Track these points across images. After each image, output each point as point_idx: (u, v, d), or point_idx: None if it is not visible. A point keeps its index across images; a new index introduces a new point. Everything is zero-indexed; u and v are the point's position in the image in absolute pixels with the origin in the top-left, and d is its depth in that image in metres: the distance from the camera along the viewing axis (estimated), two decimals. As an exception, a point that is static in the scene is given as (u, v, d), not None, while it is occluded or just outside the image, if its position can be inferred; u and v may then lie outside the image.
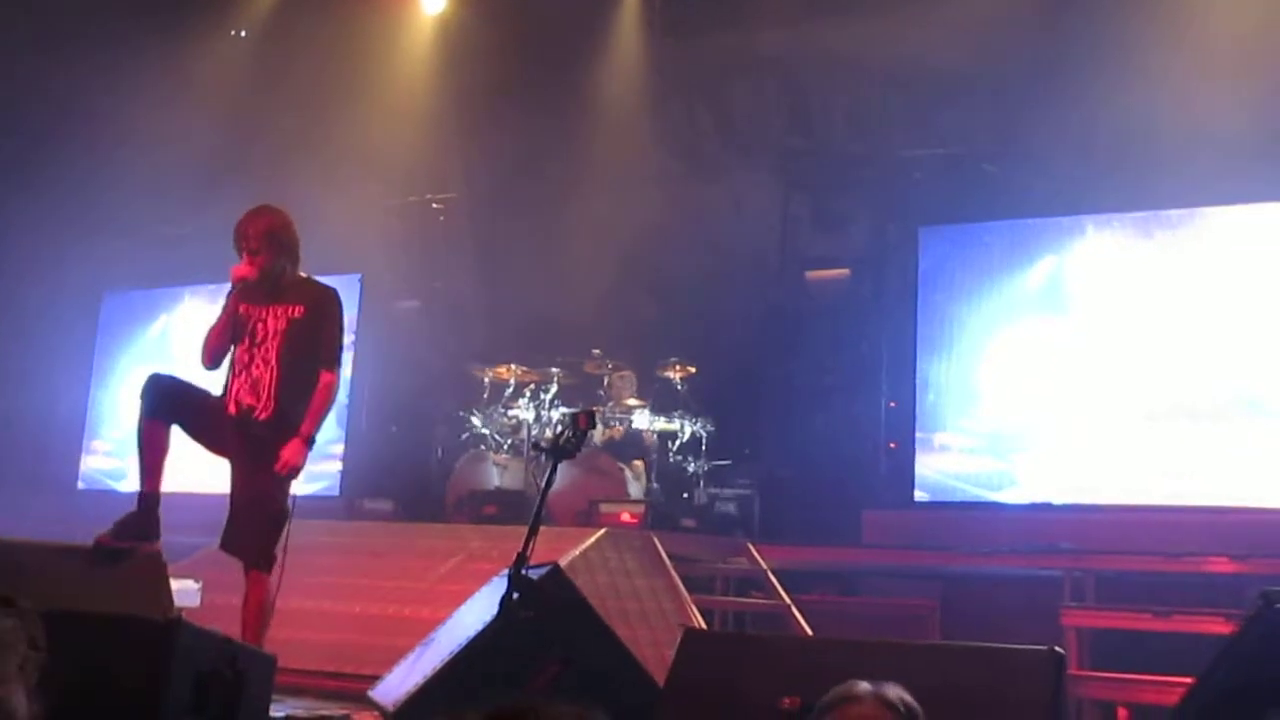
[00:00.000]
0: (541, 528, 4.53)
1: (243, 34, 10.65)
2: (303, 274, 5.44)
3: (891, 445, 9.16)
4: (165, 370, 5.34)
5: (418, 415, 10.18)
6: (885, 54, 8.93)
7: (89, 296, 11.25)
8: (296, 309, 5.34)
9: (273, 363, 5.30)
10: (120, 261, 10.57)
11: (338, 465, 10.47)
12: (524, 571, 4.28)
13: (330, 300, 5.40)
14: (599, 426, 8.64)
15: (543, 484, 4.55)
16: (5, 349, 10.33)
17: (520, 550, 4.28)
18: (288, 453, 5.18)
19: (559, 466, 4.64)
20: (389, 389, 10.38)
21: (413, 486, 9.76)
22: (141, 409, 5.27)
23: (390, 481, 9.87)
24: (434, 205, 9.99)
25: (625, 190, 9.80)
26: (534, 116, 10.03)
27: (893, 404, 9.24)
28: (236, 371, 5.38)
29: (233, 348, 5.42)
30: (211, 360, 5.41)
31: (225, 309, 5.39)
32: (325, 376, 5.31)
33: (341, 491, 10.22)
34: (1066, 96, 8.37)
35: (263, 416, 5.26)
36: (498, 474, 9.22)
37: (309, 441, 5.22)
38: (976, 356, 8.73)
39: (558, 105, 10.03)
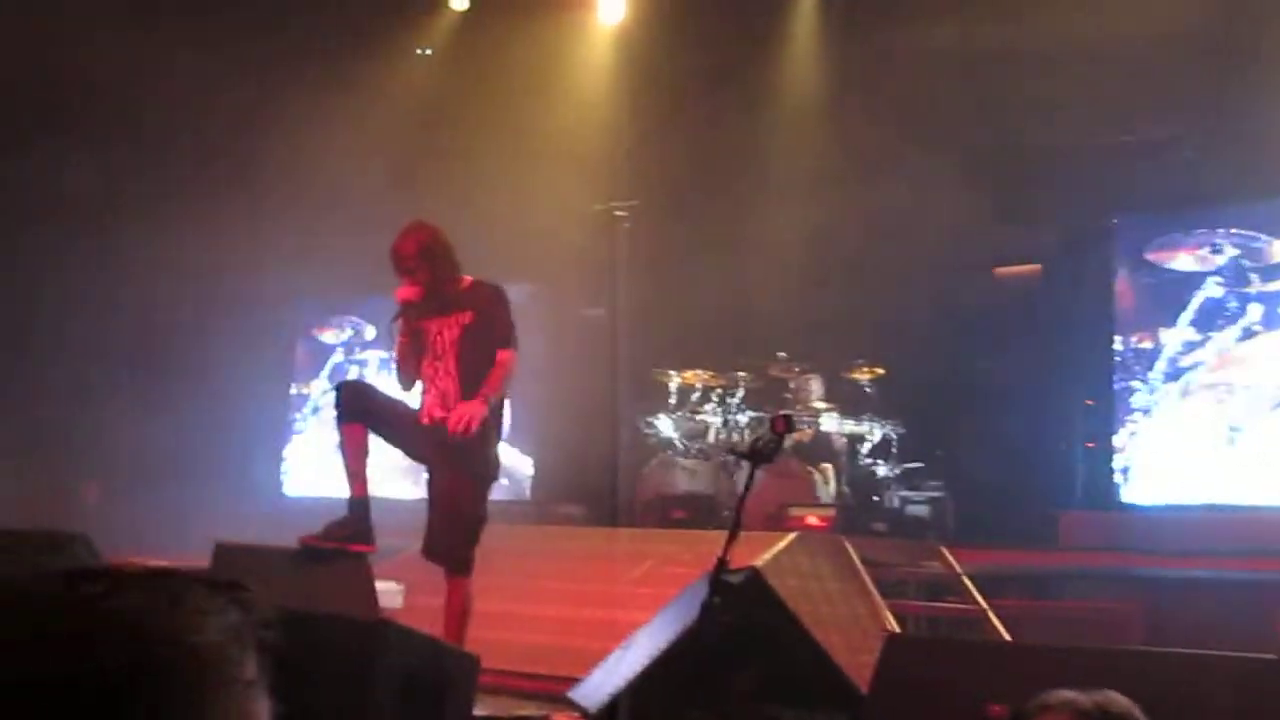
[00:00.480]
0: (735, 532, 4.58)
1: (427, 51, 10.87)
2: (466, 277, 5.47)
3: (1089, 444, 8.95)
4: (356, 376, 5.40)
5: (605, 421, 9.58)
6: (1071, 37, 8.70)
7: (285, 307, 11.63)
8: (466, 315, 5.38)
9: (453, 372, 5.34)
10: (314, 272, 10.85)
11: (529, 470, 10.64)
12: (724, 576, 4.29)
13: (496, 298, 5.43)
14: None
15: (741, 488, 4.62)
16: (206, 356, 10.62)
17: (720, 554, 4.30)
18: (463, 408, 5.15)
19: (753, 473, 4.64)
20: (577, 396, 10.28)
21: (601, 491, 9.63)
22: (337, 415, 5.40)
23: (580, 485, 9.92)
24: (617, 213, 9.50)
25: (806, 190, 9.70)
26: (713, 121, 9.97)
27: (1089, 402, 9.03)
28: (426, 387, 5.45)
29: (420, 361, 5.47)
30: (406, 381, 5.50)
31: (400, 331, 5.45)
32: (502, 354, 5.34)
33: (532, 496, 10.37)
34: (1273, 78, 8.07)
35: (451, 424, 5.24)
36: (686, 478, 9.21)
37: (485, 401, 5.19)
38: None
39: (736, 108, 9.94)
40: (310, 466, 11.46)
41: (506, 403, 5.63)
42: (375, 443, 5.42)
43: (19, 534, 5.73)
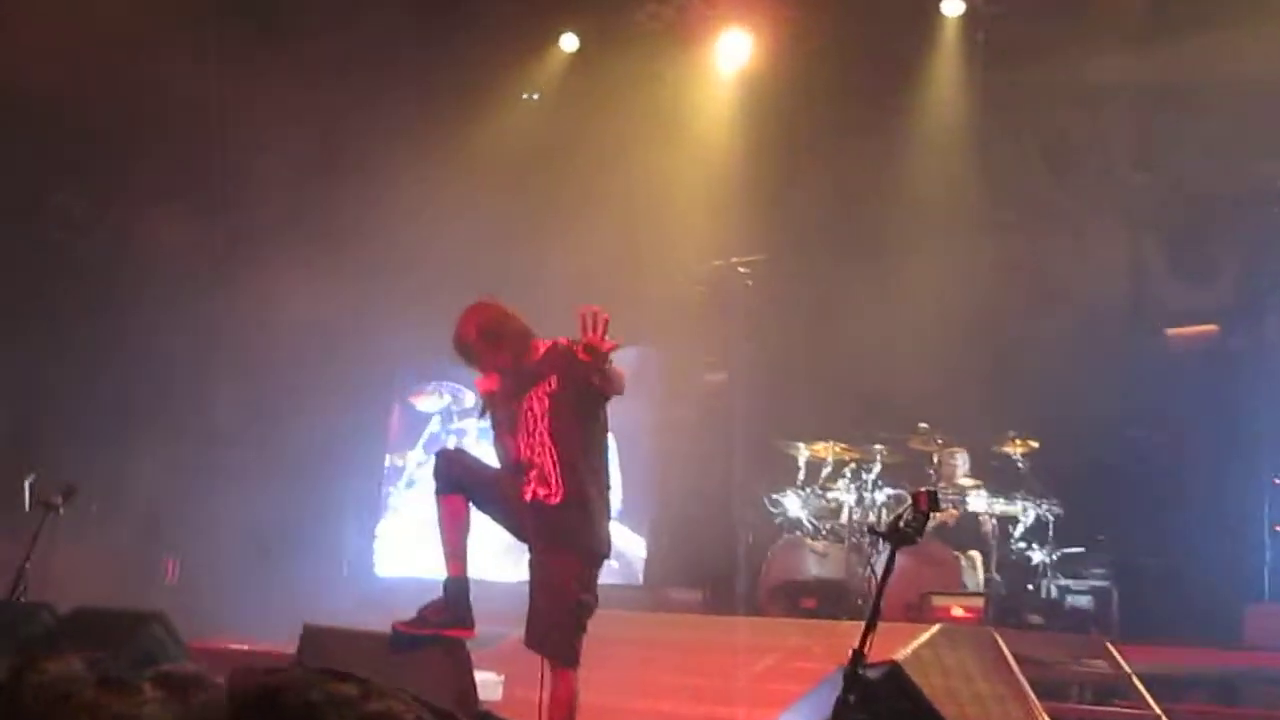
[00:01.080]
0: (868, 623, 4.53)
1: (535, 96, 11.02)
2: (539, 342, 5.47)
3: (1277, 528, 8.68)
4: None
5: (726, 497, 10.16)
6: (1245, 71, 8.59)
7: (381, 372, 11.70)
8: (550, 382, 5.38)
9: (549, 445, 5.34)
10: (411, 334, 10.80)
11: (641, 552, 10.57)
12: (860, 671, 4.27)
13: (571, 354, 5.35)
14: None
15: (878, 573, 4.73)
16: (299, 425, 10.77)
17: (855, 647, 4.27)
18: (589, 339, 4.98)
19: (893, 555, 4.58)
20: (695, 469, 10.43)
21: (721, 575, 9.73)
22: (436, 487, 5.41)
23: (697, 569, 9.90)
24: (740, 269, 9.96)
25: (951, 242, 9.70)
26: (846, 167, 9.99)
27: (1277, 480, 8.77)
28: (524, 464, 5.44)
29: (518, 443, 5.47)
30: (512, 465, 5.49)
31: (492, 420, 5.51)
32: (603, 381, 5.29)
33: (645, 580, 10.31)
34: None
35: (554, 501, 5.28)
36: (815, 562, 9.13)
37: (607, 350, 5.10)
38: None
39: (873, 152, 9.97)
40: (404, 544, 11.47)
41: (617, 476, 5.59)
42: (476, 519, 5.44)
43: (97, 612, 5.93)
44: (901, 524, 4.53)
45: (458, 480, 5.41)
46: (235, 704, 1.05)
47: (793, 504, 9.45)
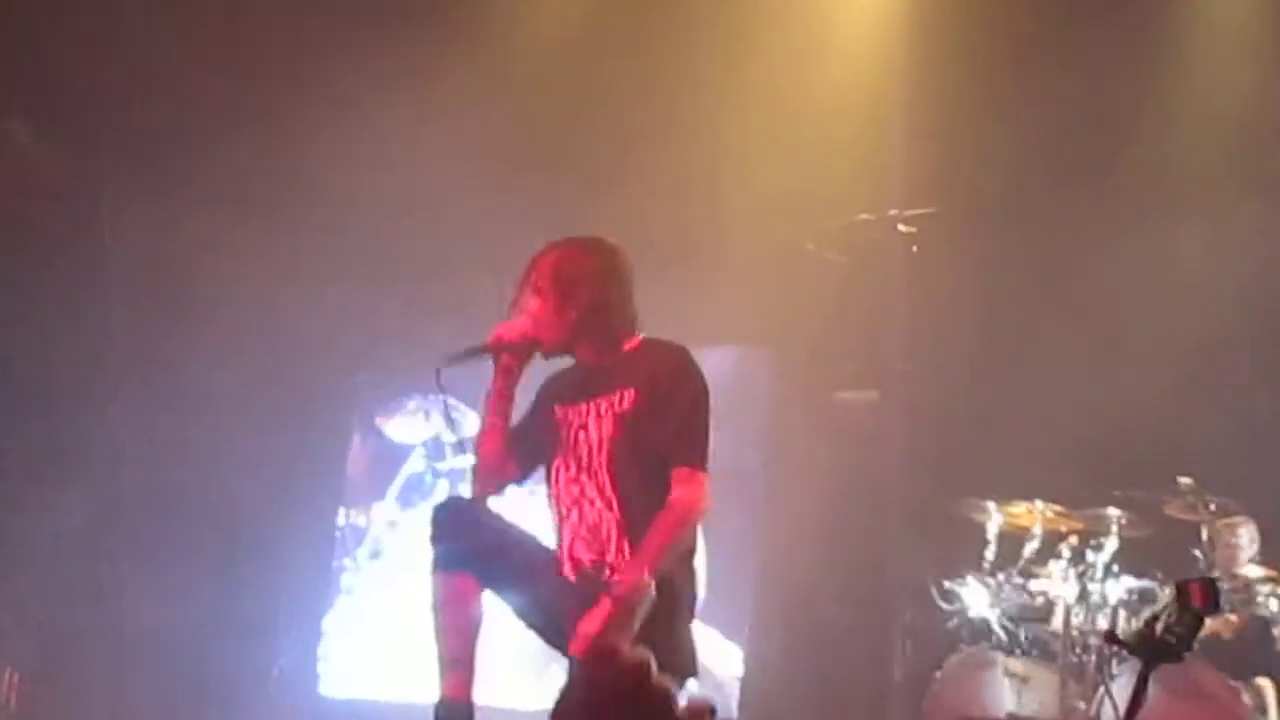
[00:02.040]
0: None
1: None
2: (635, 336, 5.66)
3: None
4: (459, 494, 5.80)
5: (872, 585, 10.22)
6: None
7: (336, 385, 11.91)
8: (625, 395, 5.48)
9: (609, 491, 5.45)
10: (384, 331, 11.10)
11: (737, 670, 10.31)
12: None
13: (675, 368, 5.52)
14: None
15: (1121, 710, 5.18)
16: (211, 465, 10.92)
17: None
18: (587, 622, 5.15)
19: (1145, 680, 4.54)
20: (824, 540, 10.33)
21: (862, 707, 9.70)
22: (435, 558, 5.47)
23: (823, 697, 9.73)
24: (901, 228, 9.80)
25: (1232, 202, 9.70)
26: (1068, 87, 9.97)
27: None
28: (563, 512, 5.55)
29: (550, 475, 5.60)
30: (486, 488, 5.66)
31: (489, 402, 5.63)
32: (683, 479, 5.37)
33: (742, 712, 10.10)
34: None
35: (606, 577, 5.35)
36: (1012, 691, 8.95)
37: (635, 594, 5.19)
38: None
39: (1109, 65, 9.90)
40: (365, 649, 11.32)
41: (702, 555, 5.57)
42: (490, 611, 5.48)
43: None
44: (1160, 629, 4.49)
45: (469, 549, 5.42)
46: None
47: (977, 598, 9.31)
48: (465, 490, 9.67)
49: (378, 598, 11.37)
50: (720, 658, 10.25)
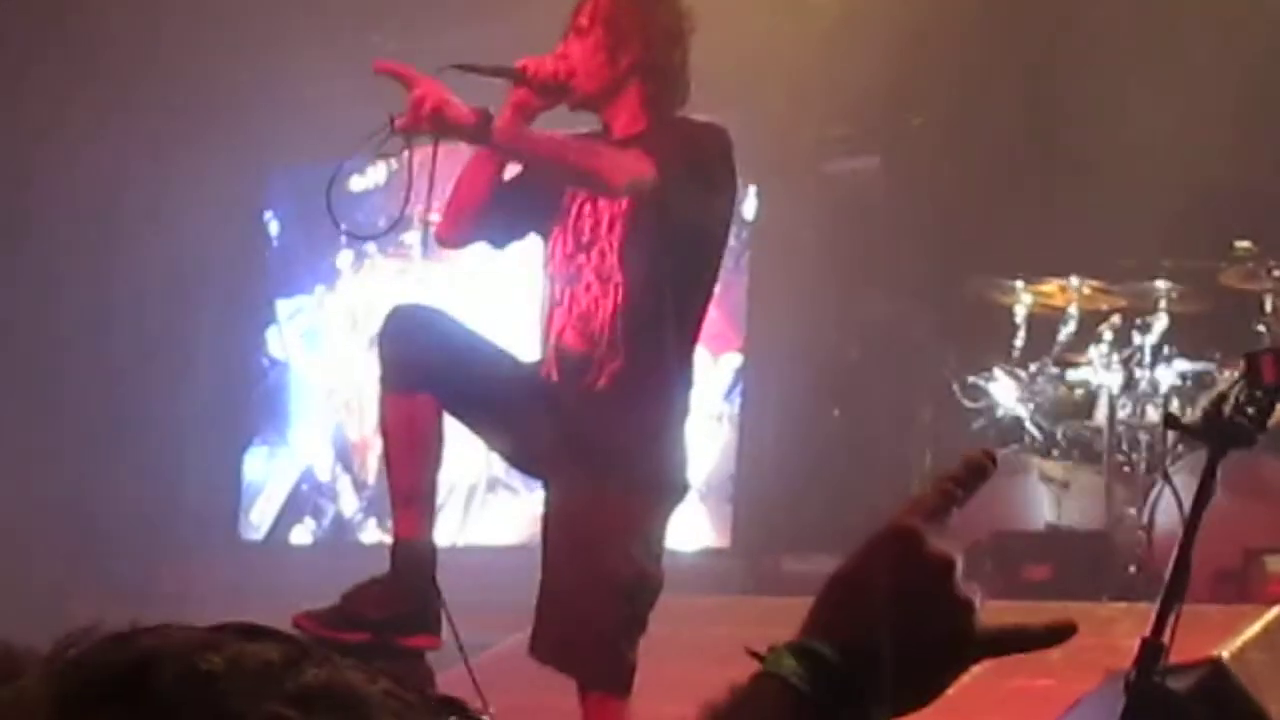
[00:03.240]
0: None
1: None
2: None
3: None
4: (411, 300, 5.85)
5: (881, 385, 10.20)
6: None
7: (245, 131, 11.80)
8: (643, 170, 5.29)
9: (616, 277, 5.34)
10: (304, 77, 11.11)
11: (727, 493, 10.35)
12: (1155, 677, 4.36)
13: (703, 150, 5.39)
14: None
15: (1183, 510, 4.60)
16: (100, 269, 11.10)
17: (1149, 638, 4.34)
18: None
19: (1213, 471, 4.46)
20: (825, 332, 10.33)
21: (878, 526, 9.40)
22: (383, 377, 5.40)
23: (832, 518, 9.43)
24: None
25: None
26: None
27: None
28: (555, 296, 5.48)
29: (546, 251, 5.53)
30: (452, 230, 5.65)
31: (502, 119, 5.30)
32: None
33: (736, 540, 10.18)
34: None
35: (600, 380, 5.28)
36: (1051, 497, 8.98)
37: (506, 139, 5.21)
38: None
39: None
40: (300, 471, 11.56)
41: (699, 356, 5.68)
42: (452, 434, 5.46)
43: None
44: (1228, 410, 4.40)
45: (425, 366, 5.35)
46: (69, 688, 1.17)
47: (1007, 393, 9.27)
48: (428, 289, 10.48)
49: (313, 401, 11.80)
50: (711, 477, 10.24)
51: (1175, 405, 8.87)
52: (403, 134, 5.19)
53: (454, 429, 5.48)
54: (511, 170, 5.55)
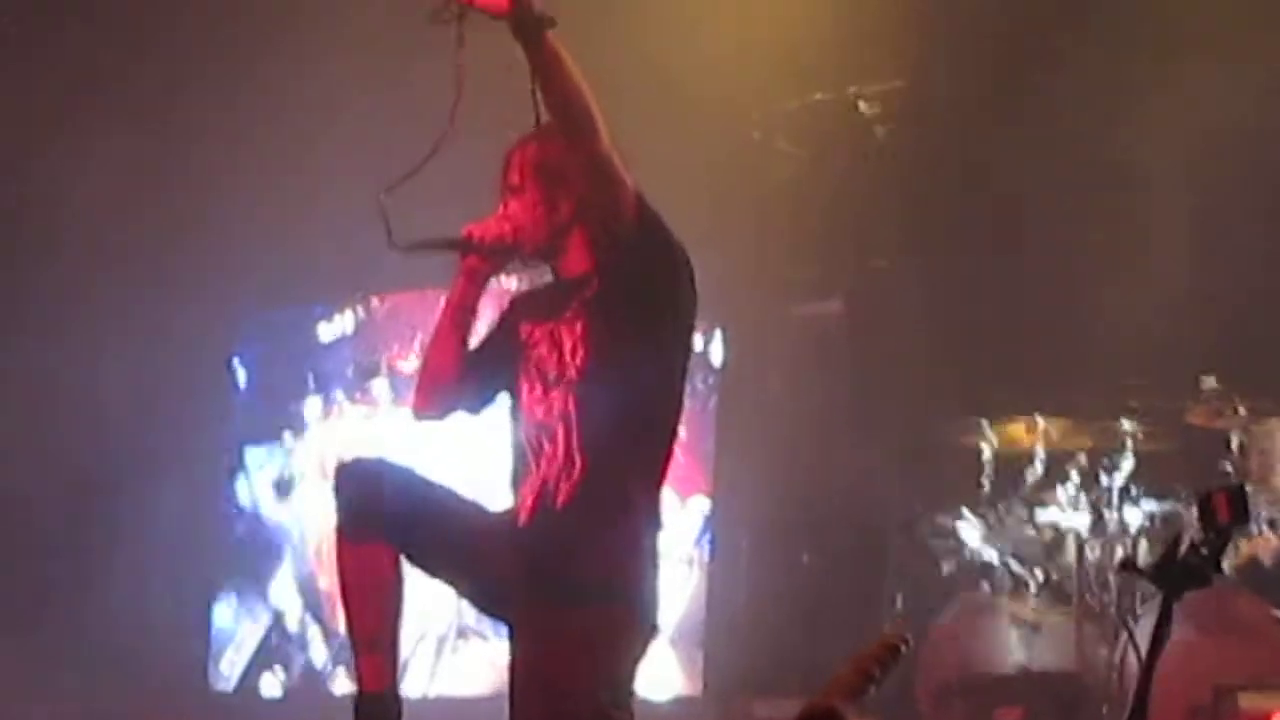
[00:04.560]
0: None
1: None
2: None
3: None
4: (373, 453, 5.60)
5: (850, 528, 10.20)
6: None
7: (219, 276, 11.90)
8: (589, 286, 5.44)
9: (579, 414, 5.34)
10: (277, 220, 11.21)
11: (698, 638, 10.35)
12: None
13: (657, 274, 5.39)
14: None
15: (1143, 651, 4.29)
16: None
17: None
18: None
19: (1169, 613, 4.25)
20: (786, 479, 10.36)
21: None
22: (340, 524, 5.40)
23: (801, 660, 9.51)
24: (861, 106, 9.83)
25: (1238, 53, 9.45)
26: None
27: None
28: (529, 441, 5.45)
29: (514, 402, 5.51)
30: (427, 404, 5.60)
31: (445, 311, 5.55)
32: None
33: (707, 685, 10.16)
34: None
35: (565, 517, 5.25)
36: (1020, 640, 8.94)
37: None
38: None
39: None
40: (269, 618, 11.54)
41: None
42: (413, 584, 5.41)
43: None
44: (1182, 551, 4.26)
45: (380, 513, 5.34)
46: None
47: (975, 534, 9.32)
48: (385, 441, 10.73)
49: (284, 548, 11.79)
50: (683, 620, 10.36)
51: (1144, 546, 8.92)
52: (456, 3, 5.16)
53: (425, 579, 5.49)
54: (478, 332, 5.63)
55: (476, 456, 7.92)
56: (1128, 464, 9.09)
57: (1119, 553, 8.94)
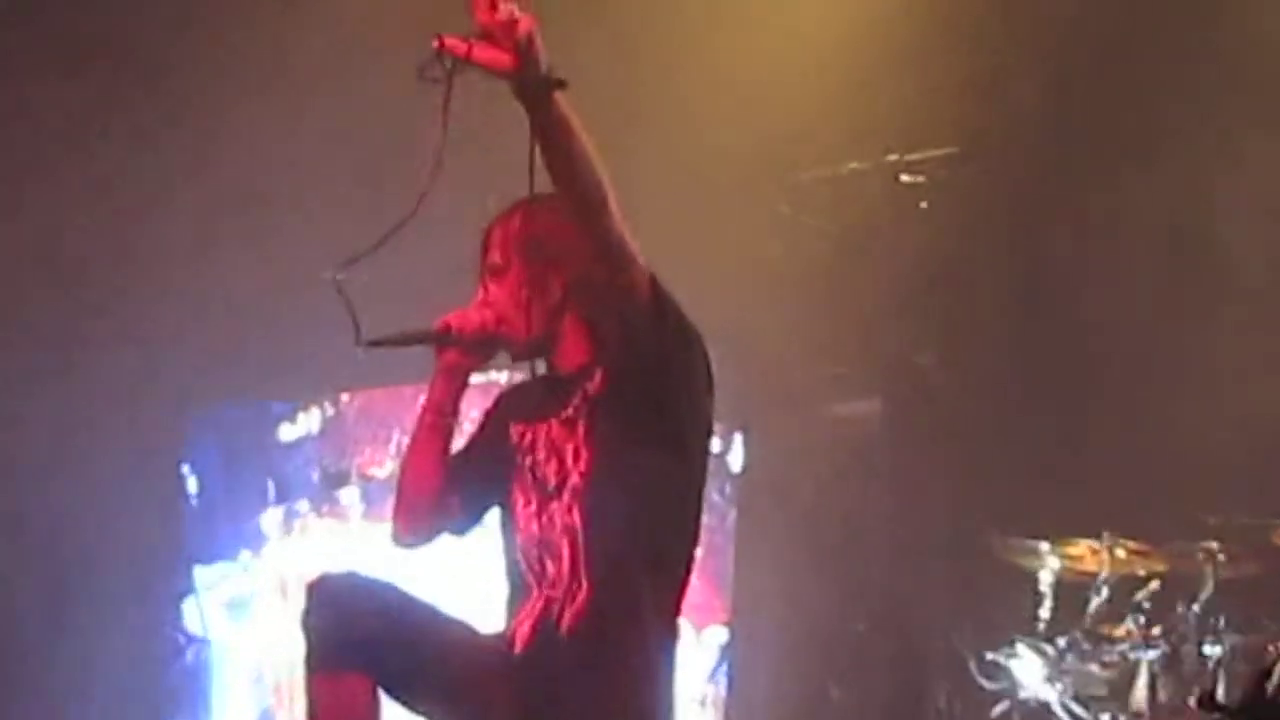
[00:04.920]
0: None
1: None
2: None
3: None
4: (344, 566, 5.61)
5: (886, 662, 9.99)
6: None
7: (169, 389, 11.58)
8: (591, 381, 5.29)
9: (575, 514, 5.24)
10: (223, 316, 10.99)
11: None
12: None
13: (664, 339, 5.17)
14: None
15: None
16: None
17: None
18: None
19: None
20: (816, 604, 10.00)
21: None
22: (308, 655, 5.25)
23: None
24: (904, 177, 9.65)
25: None
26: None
27: None
28: (528, 562, 5.35)
29: (506, 517, 5.41)
30: (409, 528, 5.47)
31: (423, 416, 5.44)
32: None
33: None
34: None
35: (563, 626, 5.15)
36: None
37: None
38: None
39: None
40: None
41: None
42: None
43: None
44: (1272, 688, 4.62)
45: (357, 638, 5.23)
46: None
47: (1032, 672, 9.00)
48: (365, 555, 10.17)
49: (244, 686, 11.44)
50: None
51: (1225, 683, 8.51)
52: (449, 58, 4.90)
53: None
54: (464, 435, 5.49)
55: (464, 571, 7.80)
56: (1206, 590, 8.78)
57: (1196, 692, 8.41)
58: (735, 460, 10.34)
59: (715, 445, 8.99)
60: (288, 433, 11.70)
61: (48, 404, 11.17)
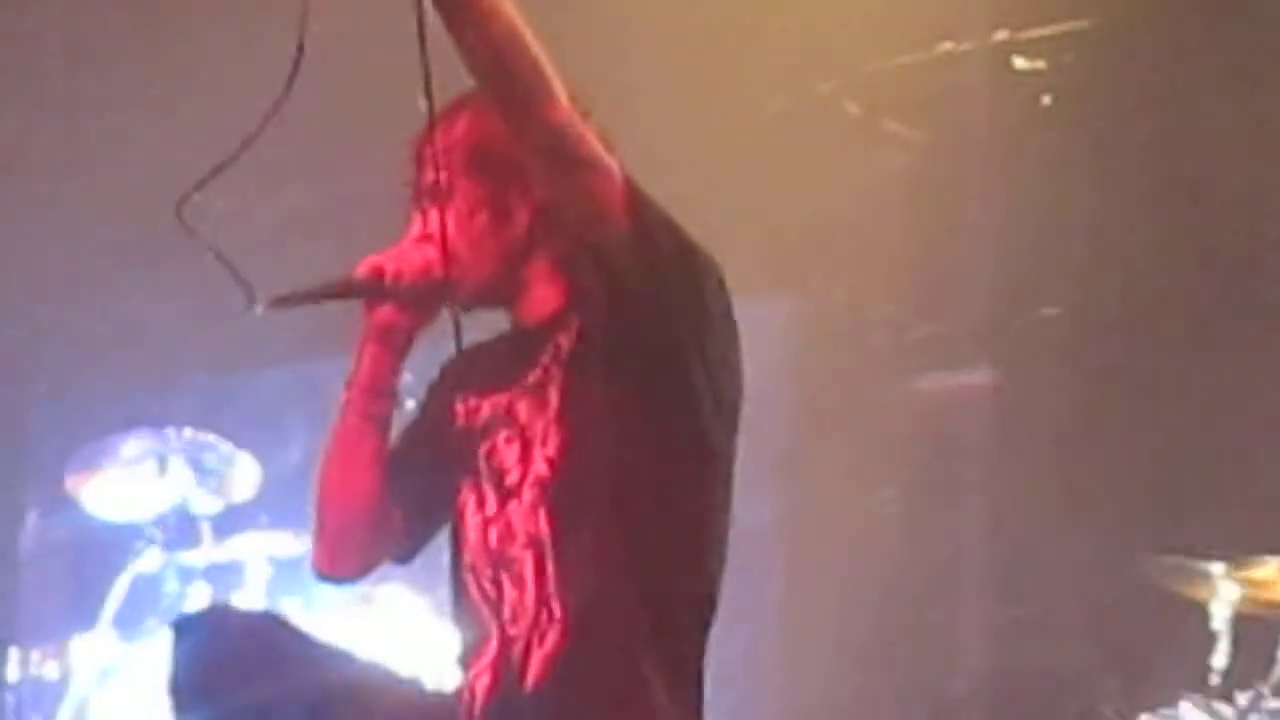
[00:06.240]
0: None
1: None
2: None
3: None
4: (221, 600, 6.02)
5: (1016, 706, 9.22)
6: None
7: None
8: (565, 336, 4.97)
9: (541, 518, 4.88)
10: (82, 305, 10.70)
11: None
12: None
13: (655, 269, 4.78)
14: None
15: None
16: None
17: None
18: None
19: None
20: (901, 644, 9.26)
21: None
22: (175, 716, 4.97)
23: None
24: (1018, 61, 8.86)
25: None
26: None
27: None
28: (481, 585, 4.94)
29: (454, 524, 5.01)
30: (334, 558, 5.09)
31: (350, 401, 5.00)
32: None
33: None
34: None
35: (529, 677, 4.75)
36: None
37: None
38: None
39: None
40: None
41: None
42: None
43: None
44: None
45: (247, 706, 4.95)
46: None
47: None
48: (245, 595, 9.69)
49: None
50: None
51: None
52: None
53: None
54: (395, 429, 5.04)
55: (406, 612, 7.65)
56: None
57: None
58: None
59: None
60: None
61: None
